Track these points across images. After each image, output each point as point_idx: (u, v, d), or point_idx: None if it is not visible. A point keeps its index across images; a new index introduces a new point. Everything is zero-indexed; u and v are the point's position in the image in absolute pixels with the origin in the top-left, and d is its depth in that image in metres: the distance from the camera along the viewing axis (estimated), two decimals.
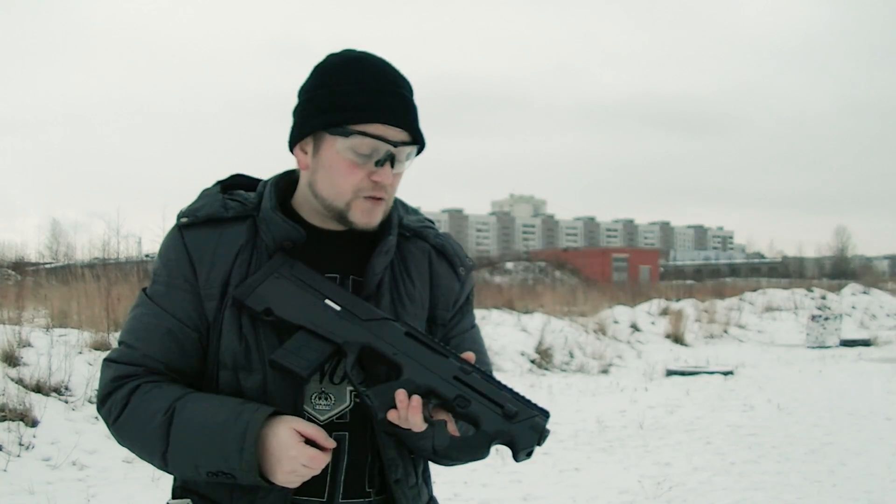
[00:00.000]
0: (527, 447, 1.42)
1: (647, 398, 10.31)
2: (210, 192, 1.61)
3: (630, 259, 69.68)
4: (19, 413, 6.32)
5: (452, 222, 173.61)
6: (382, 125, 1.48)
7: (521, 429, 1.41)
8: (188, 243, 1.53)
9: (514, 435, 1.41)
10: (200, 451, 1.43)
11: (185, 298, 1.52)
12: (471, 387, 1.43)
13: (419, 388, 1.43)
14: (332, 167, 1.51)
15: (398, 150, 1.50)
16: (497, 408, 1.42)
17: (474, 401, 1.42)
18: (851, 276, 56.25)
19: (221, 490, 1.50)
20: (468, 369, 1.45)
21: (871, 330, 22.61)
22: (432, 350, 1.47)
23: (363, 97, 1.49)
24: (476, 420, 1.42)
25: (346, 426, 1.52)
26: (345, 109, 1.49)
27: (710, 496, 5.89)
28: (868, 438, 7.89)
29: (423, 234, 1.66)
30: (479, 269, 41.79)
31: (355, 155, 1.49)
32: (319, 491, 1.52)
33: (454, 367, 1.45)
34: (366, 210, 1.52)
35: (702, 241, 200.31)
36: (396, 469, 1.55)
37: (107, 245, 13.41)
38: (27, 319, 9.90)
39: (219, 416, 1.43)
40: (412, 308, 1.59)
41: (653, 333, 17.73)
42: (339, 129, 1.48)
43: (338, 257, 1.58)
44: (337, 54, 1.57)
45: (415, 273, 1.62)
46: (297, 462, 1.40)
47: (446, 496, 5.64)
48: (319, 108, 1.51)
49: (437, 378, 1.44)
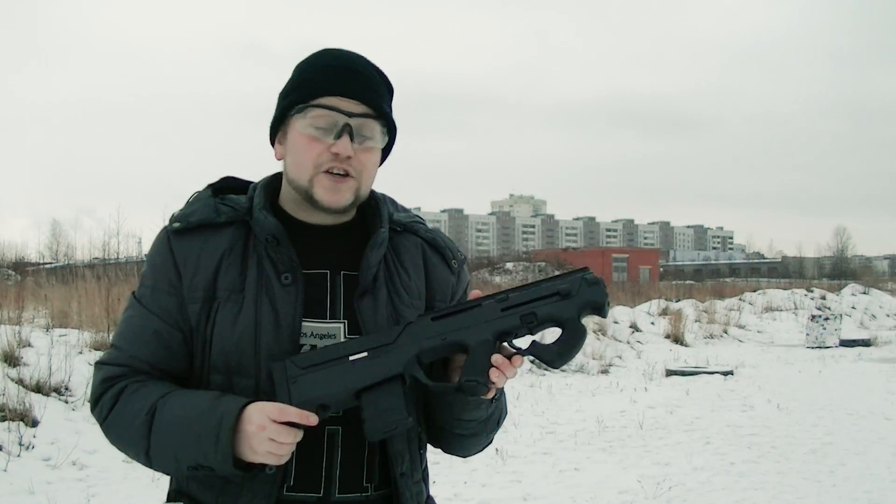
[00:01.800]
0: (604, 299, 1.45)
1: (647, 398, 10.31)
2: (202, 196, 1.62)
3: (630, 259, 69.70)
4: (19, 413, 6.33)
5: (452, 222, 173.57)
6: (337, 97, 1.52)
7: (586, 292, 1.44)
8: (174, 248, 1.55)
9: (587, 301, 1.44)
10: (179, 445, 1.44)
11: (170, 301, 1.54)
12: (521, 304, 1.46)
13: (491, 341, 1.45)
14: (295, 146, 1.55)
15: (356, 122, 1.52)
16: (554, 297, 1.45)
17: (537, 309, 1.45)
18: (851, 276, 56.30)
19: (209, 492, 1.51)
20: (503, 297, 1.47)
21: (871, 330, 22.61)
22: (464, 310, 1.48)
23: (317, 74, 1.54)
24: (553, 319, 1.44)
25: (339, 420, 1.52)
26: (301, 88, 1.54)
27: (709, 496, 5.88)
28: (868, 438, 7.89)
29: (413, 228, 1.67)
30: (479, 269, 41.83)
31: (314, 129, 1.52)
32: (315, 487, 1.51)
33: (493, 305, 1.47)
34: (328, 187, 1.53)
35: (702, 242, 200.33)
36: (403, 462, 1.54)
37: (107, 245, 13.42)
38: (27, 319, 9.91)
39: (196, 409, 1.44)
40: (409, 299, 1.60)
41: (653, 333, 17.72)
42: (298, 107, 1.53)
43: (328, 252, 1.58)
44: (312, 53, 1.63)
45: (409, 265, 1.63)
46: (265, 435, 1.38)
47: (446, 496, 5.65)
48: (283, 96, 1.58)
49: (494, 322, 1.46)
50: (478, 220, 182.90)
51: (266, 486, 1.48)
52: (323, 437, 1.51)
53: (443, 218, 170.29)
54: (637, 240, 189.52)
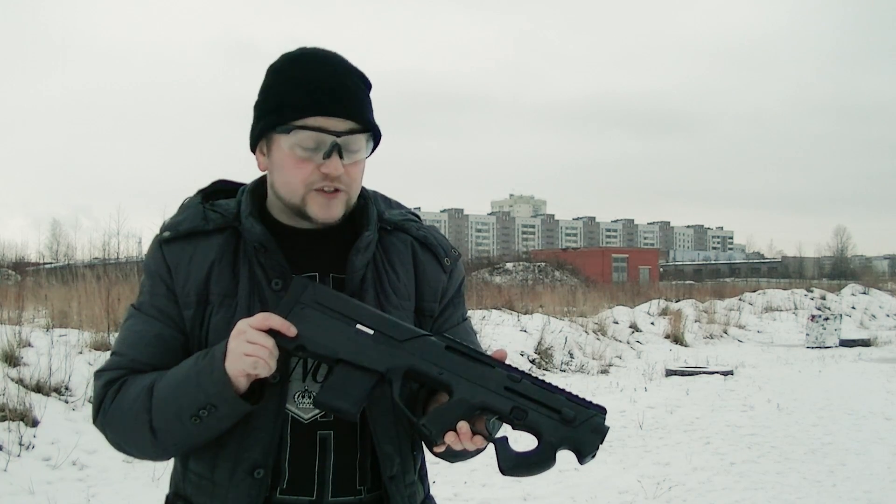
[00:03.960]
0: (591, 451, 1.36)
1: (647, 398, 10.31)
2: (191, 203, 1.63)
3: (630, 259, 69.65)
4: (19, 413, 6.32)
5: (452, 222, 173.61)
6: (322, 117, 1.49)
7: (583, 432, 1.35)
8: (166, 255, 1.57)
9: (577, 440, 1.35)
10: (179, 397, 1.45)
11: (170, 305, 1.55)
12: (524, 395, 1.38)
13: (473, 407, 1.38)
14: (283, 165, 1.53)
15: (343, 140, 1.50)
16: (554, 413, 1.36)
17: (531, 410, 1.37)
18: (851, 277, 56.35)
19: (203, 494, 1.52)
20: (517, 377, 1.40)
21: (871, 330, 22.61)
22: (476, 361, 1.42)
23: (300, 93, 1.50)
24: (536, 430, 1.37)
25: (331, 424, 1.52)
26: (285, 107, 1.51)
27: (709, 496, 5.89)
28: (868, 438, 7.89)
29: (405, 226, 1.66)
30: (479, 269, 41.77)
31: (301, 150, 1.50)
32: (308, 490, 1.52)
33: (503, 376, 1.39)
34: (321, 204, 1.52)
35: (701, 242, 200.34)
36: (392, 465, 1.54)
37: (107, 245, 13.42)
38: (27, 319, 9.90)
39: (191, 360, 1.47)
40: (397, 301, 1.59)
41: (652, 333, 17.72)
42: (282, 127, 1.50)
43: (316, 255, 1.58)
44: (288, 53, 1.59)
45: (398, 265, 1.62)
46: (243, 338, 1.40)
47: (446, 496, 5.65)
48: (264, 110, 1.54)
49: (489, 392, 1.38)
50: (478, 220, 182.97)
51: (255, 489, 1.49)
52: (315, 441, 1.52)
53: (443, 218, 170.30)
54: (637, 240, 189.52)
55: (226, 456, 1.50)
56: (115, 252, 13.30)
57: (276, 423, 1.50)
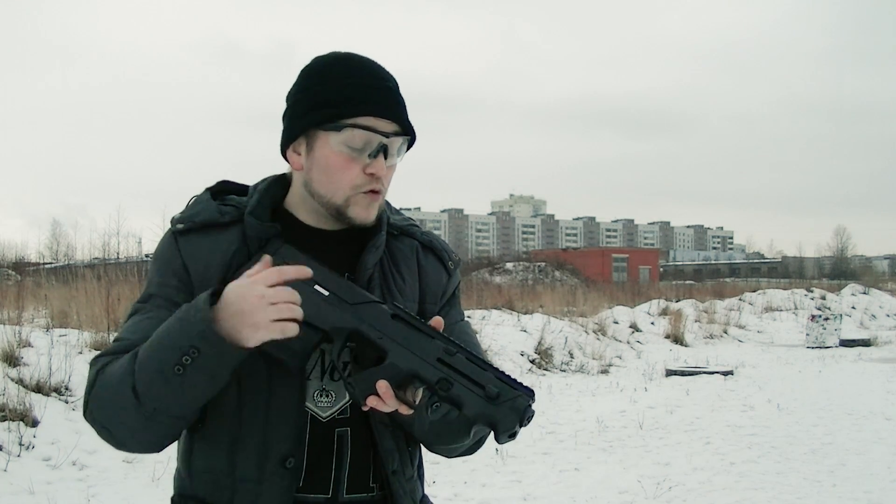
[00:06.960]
0: (508, 429, 1.37)
1: (647, 398, 10.31)
2: (202, 199, 1.62)
3: (630, 259, 69.69)
4: (19, 413, 6.32)
5: (452, 222, 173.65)
6: (373, 117, 1.50)
7: (502, 410, 1.37)
8: (181, 246, 1.55)
9: (494, 417, 1.37)
10: (162, 348, 1.37)
11: (179, 297, 1.52)
12: (454, 368, 1.40)
13: (402, 373, 1.40)
14: (327, 164, 1.52)
15: (390, 141, 1.52)
16: (479, 389, 1.38)
17: (457, 383, 1.39)
18: (851, 276, 56.38)
19: (223, 492, 1.49)
20: (452, 350, 1.42)
21: (871, 330, 22.63)
22: (418, 331, 1.44)
23: (352, 91, 1.51)
24: (459, 403, 1.38)
25: (348, 422, 1.53)
26: (335, 105, 1.50)
27: (709, 496, 5.89)
28: (868, 438, 7.89)
29: (409, 231, 1.69)
30: (479, 269, 41.79)
31: (349, 149, 1.50)
32: (324, 487, 1.52)
33: (439, 348, 1.42)
34: (365, 206, 1.54)
35: (701, 242, 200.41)
36: (393, 460, 1.55)
37: (107, 245, 13.43)
38: (27, 319, 9.92)
39: (172, 317, 1.41)
40: (402, 303, 1.60)
41: (652, 333, 17.73)
42: (331, 124, 1.50)
43: (329, 255, 1.58)
44: (323, 56, 1.59)
45: (404, 268, 1.64)
46: (266, 301, 1.33)
47: (446, 496, 5.66)
48: (310, 106, 1.53)
49: (421, 361, 1.41)
50: (478, 220, 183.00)
51: (286, 480, 1.47)
52: (333, 438, 1.53)
53: (443, 218, 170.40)
54: (637, 240, 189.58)
55: (249, 451, 1.48)
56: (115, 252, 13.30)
57: (299, 417, 1.49)
